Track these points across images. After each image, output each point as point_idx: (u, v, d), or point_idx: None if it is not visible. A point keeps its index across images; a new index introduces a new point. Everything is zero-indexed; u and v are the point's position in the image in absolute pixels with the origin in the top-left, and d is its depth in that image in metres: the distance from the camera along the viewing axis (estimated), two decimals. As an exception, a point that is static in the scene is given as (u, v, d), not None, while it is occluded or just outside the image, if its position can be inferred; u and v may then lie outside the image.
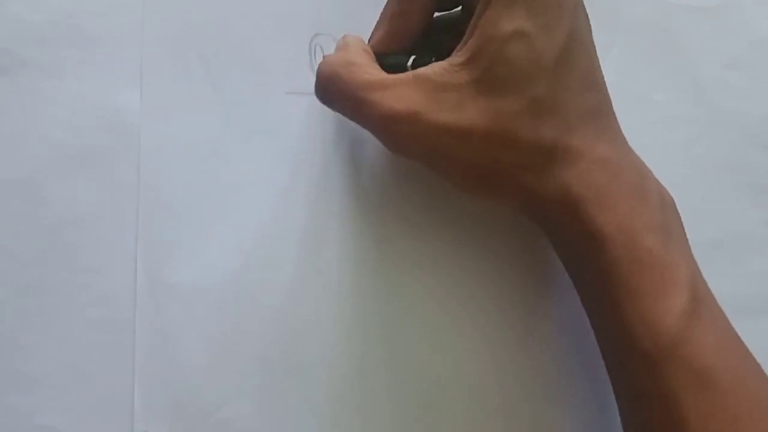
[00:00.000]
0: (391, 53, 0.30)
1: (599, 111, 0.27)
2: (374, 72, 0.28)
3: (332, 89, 0.29)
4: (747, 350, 0.26)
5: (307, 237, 0.33)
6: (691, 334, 0.25)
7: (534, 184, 0.27)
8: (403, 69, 0.29)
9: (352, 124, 0.29)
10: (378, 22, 0.30)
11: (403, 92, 0.27)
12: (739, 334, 0.26)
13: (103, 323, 0.32)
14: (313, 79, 0.29)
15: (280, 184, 0.33)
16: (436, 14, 0.30)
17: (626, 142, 0.28)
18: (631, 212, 0.26)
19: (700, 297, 0.26)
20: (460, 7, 0.31)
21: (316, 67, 0.30)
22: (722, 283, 0.27)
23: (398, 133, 0.27)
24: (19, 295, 0.32)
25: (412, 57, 0.29)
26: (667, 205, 0.27)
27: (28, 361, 0.32)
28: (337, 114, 0.30)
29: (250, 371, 0.32)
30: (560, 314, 0.31)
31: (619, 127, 0.28)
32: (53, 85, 0.33)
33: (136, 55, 0.34)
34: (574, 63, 0.26)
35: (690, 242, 0.27)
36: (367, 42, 0.30)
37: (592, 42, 0.27)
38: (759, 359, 0.26)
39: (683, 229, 0.27)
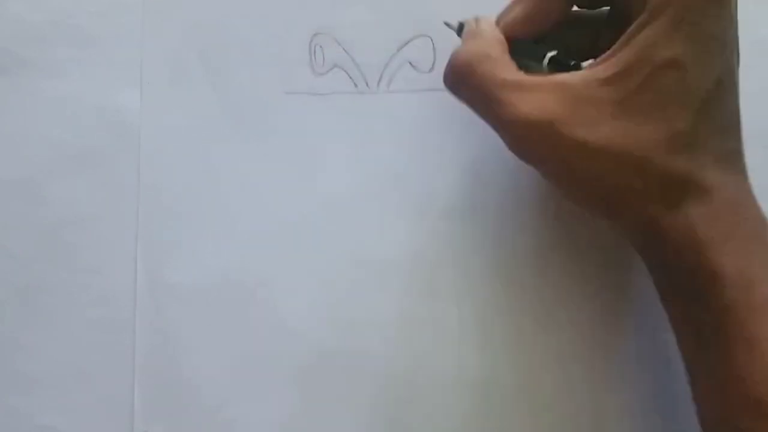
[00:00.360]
0: (525, 41, 0.28)
1: (735, 152, 0.26)
2: (511, 70, 0.27)
3: (466, 80, 0.27)
4: None
5: (306, 236, 0.33)
6: None
7: (658, 215, 0.26)
8: (534, 58, 0.27)
9: (352, 124, 0.29)
10: (513, 2, 0.29)
11: (541, 98, 0.26)
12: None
13: (103, 323, 0.32)
14: (313, 79, 0.29)
15: (280, 183, 0.33)
16: (575, 9, 0.29)
17: (751, 187, 0.27)
18: (754, 257, 0.25)
19: None
20: (605, 8, 0.29)
21: (316, 67, 0.30)
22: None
23: (528, 140, 0.26)
24: (19, 295, 0.32)
25: (551, 53, 0.27)
26: None
27: (28, 361, 0.32)
28: (337, 114, 0.30)
29: (250, 371, 0.32)
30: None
31: (746, 171, 0.27)
32: (53, 85, 0.33)
33: (136, 55, 0.34)
34: (721, 102, 0.26)
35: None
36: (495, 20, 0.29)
37: (738, 82, 0.27)
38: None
39: None
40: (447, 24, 0.31)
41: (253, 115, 0.33)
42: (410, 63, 0.33)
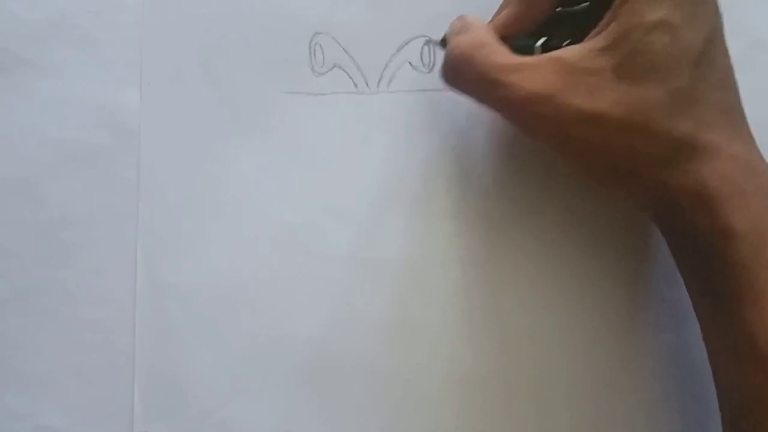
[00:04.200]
0: (513, 36, 0.29)
1: (735, 110, 0.27)
2: (507, 54, 0.27)
3: (465, 71, 0.28)
4: None
5: (306, 236, 0.33)
6: None
7: (668, 177, 0.26)
8: (528, 51, 0.28)
9: (352, 124, 0.29)
10: (503, 3, 0.30)
11: (539, 74, 0.26)
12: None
13: (103, 323, 0.32)
14: (313, 79, 0.29)
15: (280, 183, 0.33)
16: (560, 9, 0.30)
17: (756, 143, 0.27)
18: (764, 214, 0.25)
19: None
20: (585, 3, 0.30)
21: (316, 67, 0.30)
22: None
23: (533, 115, 0.27)
24: (19, 295, 0.32)
25: (542, 39, 0.28)
26: None
27: (27, 361, 0.32)
28: (337, 114, 0.30)
29: (250, 371, 0.32)
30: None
31: (749, 128, 0.27)
32: (53, 85, 0.33)
33: (135, 55, 0.34)
34: (714, 59, 0.26)
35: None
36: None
37: (725, 41, 0.27)
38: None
39: None
40: (430, 41, 0.32)
41: (253, 115, 0.33)
42: (410, 63, 0.33)
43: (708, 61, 0.26)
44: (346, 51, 0.33)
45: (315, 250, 0.32)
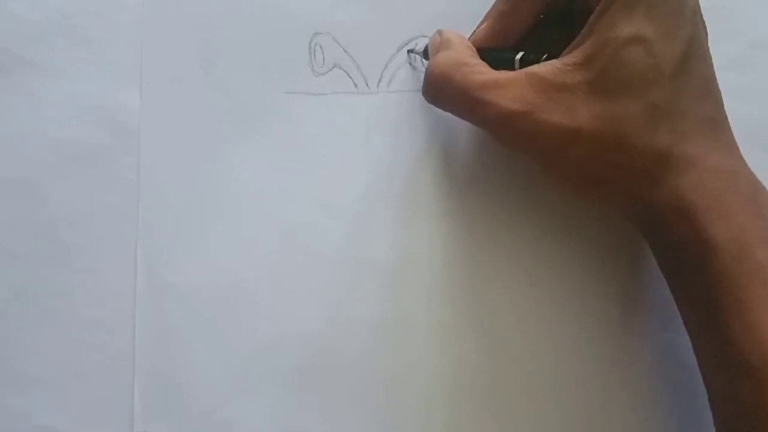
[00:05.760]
0: (493, 48, 0.30)
1: (715, 120, 0.27)
2: (486, 71, 0.28)
3: (445, 90, 0.28)
4: None
5: (306, 236, 0.33)
6: None
7: (645, 191, 0.26)
8: (508, 64, 0.28)
9: (352, 124, 0.29)
10: (485, 17, 0.30)
11: (517, 91, 0.27)
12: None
13: (103, 323, 0.32)
14: (313, 79, 0.29)
15: (280, 183, 0.33)
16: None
17: (740, 153, 0.27)
18: (745, 223, 0.25)
19: None
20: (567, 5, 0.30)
21: (316, 67, 0.30)
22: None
23: (512, 132, 0.27)
24: (19, 295, 0.32)
25: (521, 53, 0.29)
26: None
27: (27, 361, 0.32)
28: (337, 114, 0.30)
29: (250, 371, 0.32)
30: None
31: (733, 137, 0.27)
32: (53, 85, 0.33)
33: (135, 55, 0.34)
34: (692, 71, 0.26)
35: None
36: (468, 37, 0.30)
37: (709, 50, 0.27)
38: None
39: None
40: (411, 51, 0.33)
41: (253, 115, 0.33)
42: (410, 63, 0.33)
43: (686, 73, 0.26)
44: (346, 51, 0.33)
45: (315, 250, 0.32)
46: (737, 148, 0.27)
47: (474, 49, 0.29)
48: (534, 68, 0.27)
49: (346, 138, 0.33)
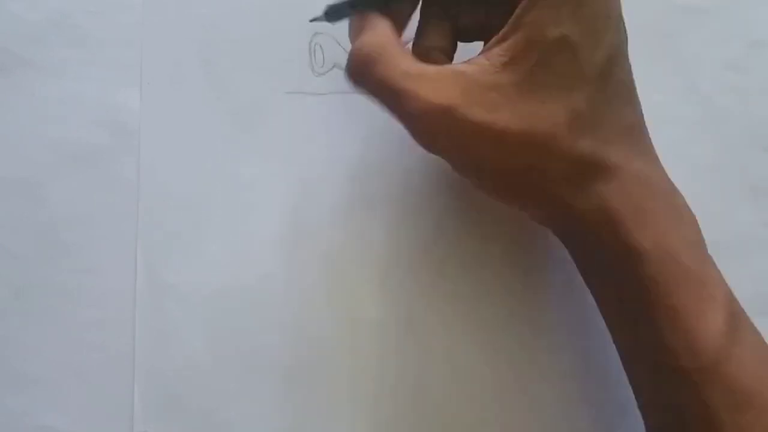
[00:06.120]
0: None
1: (636, 126, 0.27)
2: (410, 60, 0.27)
3: (367, 74, 0.27)
4: None
5: (306, 236, 0.33)
6: (730, 352, 0.24)
7: (568, 197, 0.26)
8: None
9: (353, 124, 0.29)
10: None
11: (440, 85, 0.26)
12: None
13: (103, 323, 0.32)
14: (313, 79, 0.29)
15: (280, 184, 0.33)
16: None
17: (658, 158, 0.27)
18: (668, 229, 0.25)
19: (736, 314, 0.25)
20: None
21: (316, 67, 0.29)
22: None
23: (431, 127, 0.26)
24: (19, 295, 0.32)
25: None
26: (697, 223, 0.27)
27: (27, 361, 0.32)
28: (337, 114, 0.30)
29: (250, 371, 0.32)
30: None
31: (651, 143, 0.27)
32: (53, 84, 0.33)
33: (135, 55, 0.34)
34: (615, 76, 0.26)
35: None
36: None
37: (628, 56, 0.27)
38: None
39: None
40: (315, 19, 0.30)
41: (253, 115, 0.33)
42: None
43: (609, 79, 0.26)
44: (346, 51, 0.33)
45: (314, 250, 0.32)
46: (655, 153, 0.27)
47: (396, 33, 0.28)
48: (462, 66, 0.26)
49: (346, 138, 0.33)
